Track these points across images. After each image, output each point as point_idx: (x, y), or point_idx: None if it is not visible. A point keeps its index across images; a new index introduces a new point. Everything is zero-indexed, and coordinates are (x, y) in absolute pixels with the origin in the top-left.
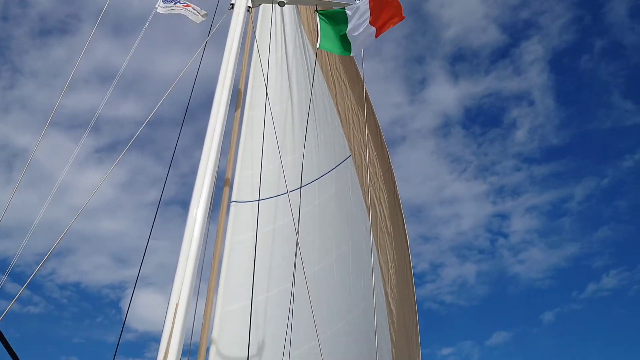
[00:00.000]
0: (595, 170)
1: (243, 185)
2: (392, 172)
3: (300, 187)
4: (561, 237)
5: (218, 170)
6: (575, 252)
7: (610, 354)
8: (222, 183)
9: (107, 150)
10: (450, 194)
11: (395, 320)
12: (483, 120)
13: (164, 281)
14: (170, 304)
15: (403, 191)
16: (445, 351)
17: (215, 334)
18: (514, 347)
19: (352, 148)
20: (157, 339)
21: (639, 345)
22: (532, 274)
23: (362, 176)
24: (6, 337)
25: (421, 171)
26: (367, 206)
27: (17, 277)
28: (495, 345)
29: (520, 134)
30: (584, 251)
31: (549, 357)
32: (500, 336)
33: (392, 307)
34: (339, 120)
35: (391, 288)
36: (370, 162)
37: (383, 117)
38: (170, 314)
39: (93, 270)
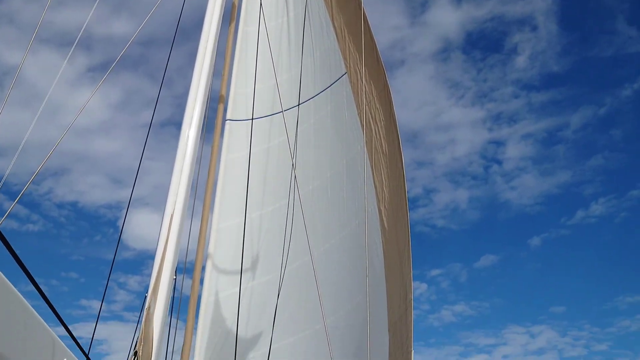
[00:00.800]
0: (593, 98)
1: (238, 104)
2: (388, 91)
3: (299, 105)
4: (554, 164)
5: (212, 88)
6: (567, 179)
7: (594, 279)
8: (217, 101)
9: (100, 70)
10: (447, 119)
11: (388, 238)
12: (484, 45)
13: (161, 202)
14: (165, 215)
15: (400, 116)
16: (435, 272)
17: (211, 249)
18: (501, 270)
19: (348, 65)
20: (153, 257)
21: (623, 270)
22: (523, 200)
23: (358, 94)
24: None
25: (419, 96)
26: (362, 125)
27: (15, 195)
28: (483, 268)
29: (520, 60)
30: (575, 179)
31: (534, 280)
32: (488, 259)
33: (385, 225)
34: (335, 36)
35: (385, 206)
36: (366, 79)
37: (382, 39)
38: (165, 224)
39: (90, 190)
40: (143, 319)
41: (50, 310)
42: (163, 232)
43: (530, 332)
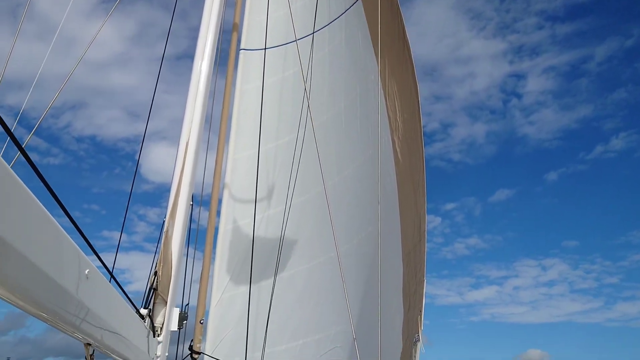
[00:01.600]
0: (620, 29)
1: (253, 32)
2: (401, 18)
3: (313, 33)
4: (575, 98)
5: (226, 19)
6: (588, 114)
7: (609, 214)
8: (230, 32)
9: (114, 1)
10: (467, 52)
11: (401, 169)
12: None
13: (178, 135)
14: (180, 142)
15: (418, 49)
16: (449, 206)
17: (227, 179)
18: (515, 204)
19: None
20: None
21: (638, 205)
22: (542, 134)
23: (371, 22)
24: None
25: (438, 28)
26: (376, 54)
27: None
28: (497, 202)
29: None
30: (596, 113)
31: (548, 214)
32: (503, 193)
33: (399, 156)
34: None
35: (399, 137)
36: (380, 5)
37: None
38: (181, 151)
39: (108, 123)
40: (162, 242)
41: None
42: (179, 158)
43: (542, 264)
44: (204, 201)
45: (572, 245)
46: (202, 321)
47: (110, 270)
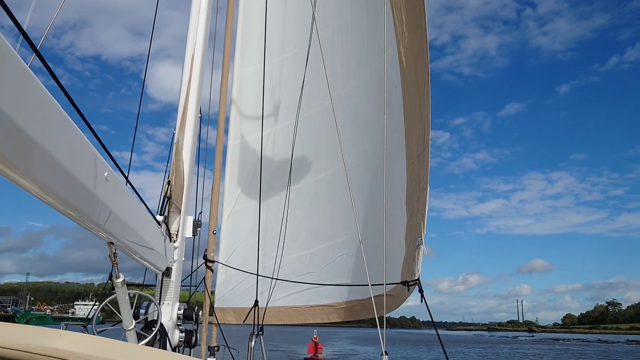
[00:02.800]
0: None
1: None
2: None
3: None
4: (592, 7)
5: None
6: (604, 23)
7: (620, 127)
8: None
9: None
10: None
11: (406, 79)
12: None
13: (183, 53)
14: (186, 55)
15: None
16: (458, 121)
17: (234, 94)
18: (525, 118)
19: None
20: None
21: None
22: (555, 45)
23: None
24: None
25: None
26: None
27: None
28: (507, 116)
29: None
30: (613, 22)
31: (558, 128)
32: (513, 107)
33: (405, 65)
34: None
35: (404, 47)
36: None
37: None
38: (187, 63)
39: (111, 42)
40: (173, 153)
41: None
42: (185, 70)
43: (549, 178)
44: (212, 120)
45: (580, 159)
46: (215, 232)
47: (126, 176)
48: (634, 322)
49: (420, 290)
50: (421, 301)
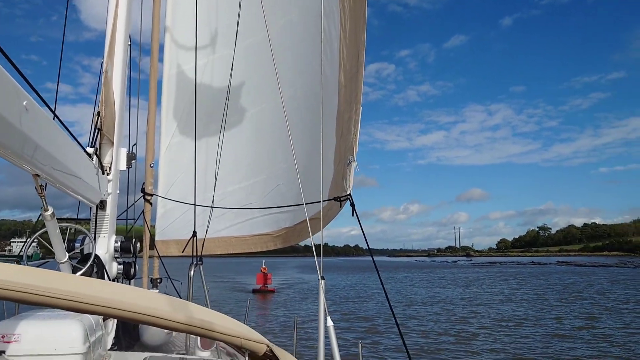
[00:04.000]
0: None
1: None
2: None
3: None
4: None
5: None
6: None
7: (558, 60)
8: None
9: None
10: None
11: (345, 6)
12: None
13: None
14: None
15: None
16: (403, 53)
17: (168, 22)
18: (469, 50)
19: None
20: None
21: (585, 51)
22: None
23: None
24: None
25: None
26: None
27: None
28: (452, 48)
29: None
30: None
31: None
32: (458, 39)
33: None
34: None
35: None
36: None
37: None
38: None
39: None
40: (102, 82)
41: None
42: None
43: (489, 110)
44: (146, 49)
45: (519, 91)
46: (152, 165)
47: (50, 107)
48: (562, 245)
49: (352, 205)
50: (352, 214)
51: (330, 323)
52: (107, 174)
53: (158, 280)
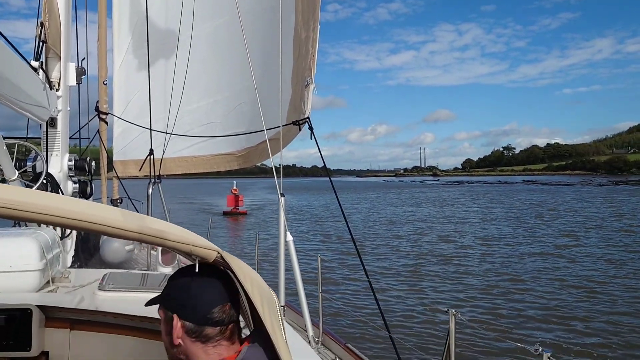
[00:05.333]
0: None
1: None
2: None
3: None
4: None
5: None
6: None
7: None
8: None
9: None
10: None
11: None
12: None
13: None
14: None
15: None
16: None
17: None
18: None
19: None
20: None
21: None
22: None
23: None
24: None
25: None
26: None
27: None
28: None
29: None
30: None
31: None
32: None
33: None
34: None
35: None
36: None
37: None
38: None
39: None
40: None
41: None
42: None
43: (459, 29)
44: None
45: (490, 10)
46: (105, 82)
47: None
48: (526, 165)
49: (310, 128)
50: (311, 138)
51: (290, 238)
52: (56, 90)
53: (118, 201)
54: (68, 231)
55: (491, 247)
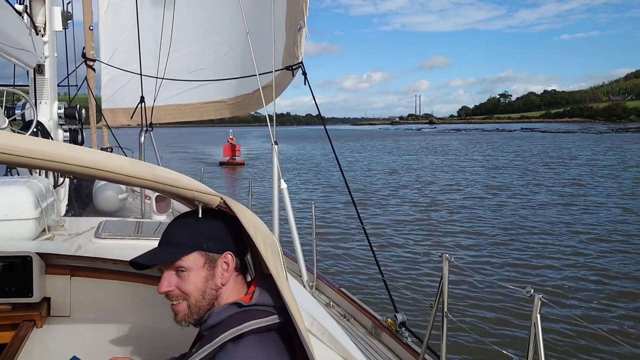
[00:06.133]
0: None
1: None
2: None
3: None
4: None
5: None
6: None
7: None
8: None
9: None
10: None
11: None
12: None
13: None
14: None
15: None
16: None
17: None
18: None
19: None
20: None
21: None
22: None
23: None
24: None
25: None
26: None
27: None
28: None
29: None
30: None
31: None
32: None
33: None
34: None
35: None
36: None
37: None
38: None
39: None
40: None
41: None
42: None
43: None
44: None
45: None
46: (91, 27)
47: None
48: (522, 112)
49: (304, 73)
50: (304, 83)
51: (284, 185)
52: (42, 35)
53: (109, 149)
54: (61, 180)
55: (497, 195)
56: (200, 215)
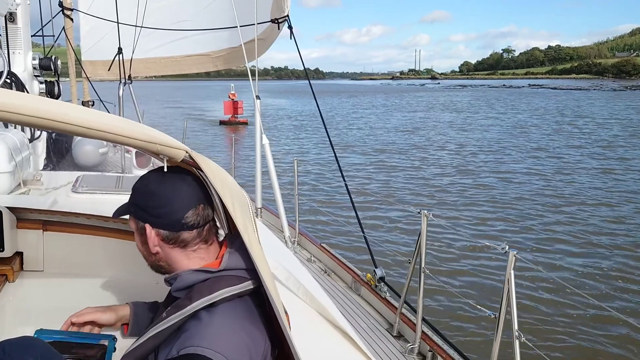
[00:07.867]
0: None
1: None
2: None
3: None
4: None
5: None
6: None
7: None
8: None
9: None
10: None
11: None
12: None
13: None
14: None
15: None
16: None
17: None
18: None
19: None
20: None
21: None
22: None
23: None
24: None
25: None
26: None
27: None
28: None
29: None
30: None
31: None
32: None
33: None
34: None
35: None
36: None
37: None
38: None
39: None
40: None
41: None
42: None
43: None
44: None
45: None
46: None
47: None
48: (525, 68)
49: (290, 27)
50: (290, 38)
51: (265, 141)
52: None
53: (90, 103)
54: (38, 133)
55: (526, 156)
56: (165, 170)
